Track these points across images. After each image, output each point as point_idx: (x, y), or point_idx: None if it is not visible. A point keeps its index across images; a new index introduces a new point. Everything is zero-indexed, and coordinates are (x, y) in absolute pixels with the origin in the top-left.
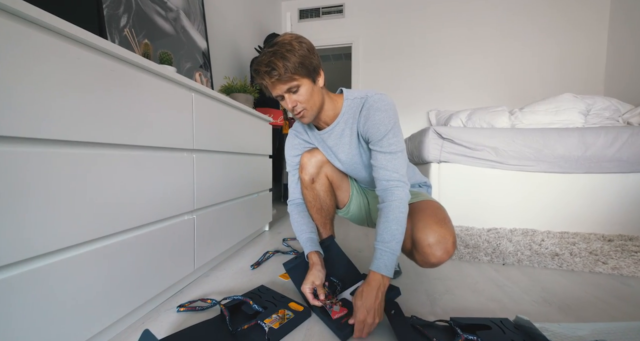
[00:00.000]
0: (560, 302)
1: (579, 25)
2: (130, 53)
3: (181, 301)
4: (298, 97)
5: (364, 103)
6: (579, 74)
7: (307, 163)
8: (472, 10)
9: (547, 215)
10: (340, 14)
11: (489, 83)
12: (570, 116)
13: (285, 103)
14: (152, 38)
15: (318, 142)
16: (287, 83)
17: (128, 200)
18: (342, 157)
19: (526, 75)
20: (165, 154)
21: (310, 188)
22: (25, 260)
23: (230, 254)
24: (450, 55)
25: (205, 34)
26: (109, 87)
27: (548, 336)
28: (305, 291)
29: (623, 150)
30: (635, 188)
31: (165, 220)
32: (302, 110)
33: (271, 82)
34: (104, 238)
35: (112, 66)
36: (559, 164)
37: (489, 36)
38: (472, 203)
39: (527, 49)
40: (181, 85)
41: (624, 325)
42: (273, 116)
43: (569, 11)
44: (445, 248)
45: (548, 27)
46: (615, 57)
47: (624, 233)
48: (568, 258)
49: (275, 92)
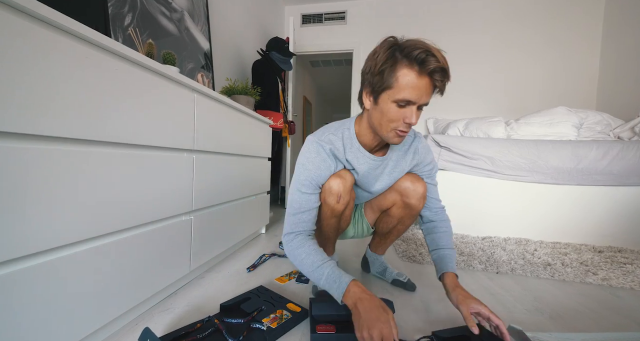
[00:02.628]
0: (551, 311)
1: (573, 41)
2: (134, 52)
3: (176, 303)
4: (418, 115)
5: (414, 141)
6: (572, 88)
7: (342, 189)
8: (470, 21)
9: (540, 225)
10: (343, 20)
11: (485, 93)
12: (564, 129)
13: (406, 112)
14: (156, 38)
15: (362, 164)
16: (429, 96)
17: (126, 199)
18: (378, 186)
19: (522, 87)
20: (165, 154)
21: (338, 216)
22: (16, 259)
23: (226, 256)
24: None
25: (208, 35)
26: (111, 86)
27: None
28: (389, 336)
29: (613, 164)
30: (624, 201)
31: (163, 220)
32: (408, 130)
33: (429, 84)
34: (98, 237)
35: (116, 65)
36: (552, 175)
37: (486, 47)
38: (468, 212)
39: (523, 62)
40: (184, 85)
41: (613, 336)
42: (273, 119)
43: (563, 27)
44: (422, 188)
45: (544, 41)
46: (607, 73)
47: (614, 245)
48: (560, 268)
49: (420, 98)
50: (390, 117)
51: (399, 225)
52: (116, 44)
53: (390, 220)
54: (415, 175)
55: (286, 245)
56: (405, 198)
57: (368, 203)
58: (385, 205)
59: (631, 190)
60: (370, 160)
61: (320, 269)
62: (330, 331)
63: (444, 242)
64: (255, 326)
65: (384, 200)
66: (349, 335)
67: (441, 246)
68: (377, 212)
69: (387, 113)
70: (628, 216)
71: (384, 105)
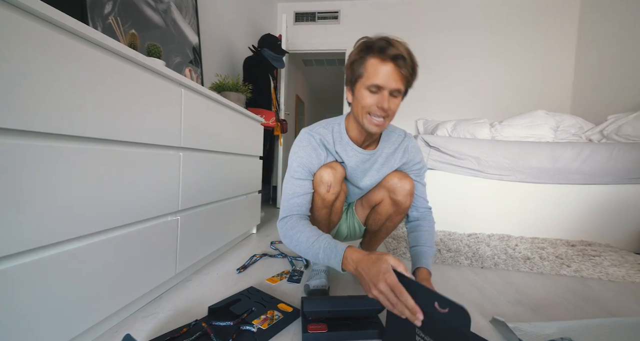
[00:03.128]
0: (531, 303)
1: (550, 48)
2: (115, 42)
3: (160, 307)
4: (392, 102)
5: (404, 140)
6: (550, 92)
7: (333, 179)
8: (458, 26)
9: (520, 222)
10: (336, 20)
11: (472, 96)
12: (542, 131)
13: (378, 98)
14: (140, 29)
15: (350, 157)
16: (401, 82)
17: (105, 199)
18: (367, 181)
19: (505, 90)
20: (150, 151)
21: (329, 207)
22: None
23: (216, 257)
24: (438, 67)
25: (197, 28)
26: (88, 78)
27: (520, 336)
28: (394, 284)
29: (585, 164)
30: (594, 199)
31: (148, 221)
32: (385, 117)
33: (394, 69)
34: (74, 239)
35: (94, 55)
36: (532, 175)
37: (473, 52)
38: (455, 210)
39: (506, 66)
40: (170, 79)
41: (585, 322)
42: (265, 117)
43: (542, 35)
44: (409, 185)
45: (524, 47)
46: (581, 79)
47: (585, 239)
48: (538, 261)
49: (386, 82)
50: (364, 104)
51: (387, 222)
52: (94, 32)
53: (378, 217)
54: (403, 173)
55: (280, 230)
56: (393, 194)
57: (358, 200)
58: (374, 201)
59: (600, 188)
60: (358, 153)
61: (317, 243)
62: (322, 331)
63: (425, 240)
64: (245, 329)
65: (372, 196)
66: (341, 333)
67: (421, 243)
68: (366, 208)
69: (362, 100)
70: (597, 212)
71: (359, 93)
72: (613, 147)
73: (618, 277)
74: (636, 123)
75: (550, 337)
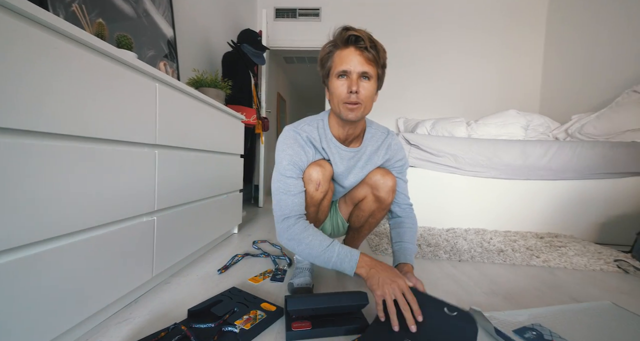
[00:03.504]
0: (504, 292)
1: (520, 51)
2: (79, 30)
3: (136, 312)
4: (362, 87)
5: (387, 137)
6: (521, 93)
7: (322, 177)
8: (436, 27)
9: (495, 216)
10: (317, 17)
11: (450, 95)
12: (514, 130)
13: (348, 83)
14: (109, 20)
15: (334, 154)
16: (368, 65)
17: (75, 199)
18: (351, 178)
19: (480, 90)
20: (122, 149)
21: (317, 205)
22: None
23: (195, 258)
24: (417, 66)
25: (172, 21)
26: (53, 69)
27: (495, 324)
28: (405, 287)
29: (552, 161)
30: (560, 193)
31: (120, 222)
32: (358, 102)
33: (355, 51)
34: (40, 242)
35: (55, 43)
36: (505, 171)
37: (450, 52)
38: (434, 206)
39: (481, 68)
40: (143, 73)
41: (553, 308)
42: (246, 114)
43: (512, 38)
44: (391, 181)
45: (496, 50)
46: (548, 81)
47: (552, 231)
48: (510, 253)
49: (351, 65)
50: (338, 92)
51: (370, 219)
52: (53, 18)
53: (361, 213)
54: (385, 169)
55: (286, 231)
56: (376, 191)
57: (342, 197)
58: (357, 198)
59: (565, 183)
60: (341, 150)
61: (331, 248)
62: (306, 328)
63: (407, 237)
64: (227, 330)
65: (356, 193)
66: (325, 329)
67: (404, 240)
68: (350, 205)
69: (335, 89)
70: (563, 206)
71: (331, 85)
72: (577, 145)
73: (581, 266)
74: (597, 123)
75: (522, 324)
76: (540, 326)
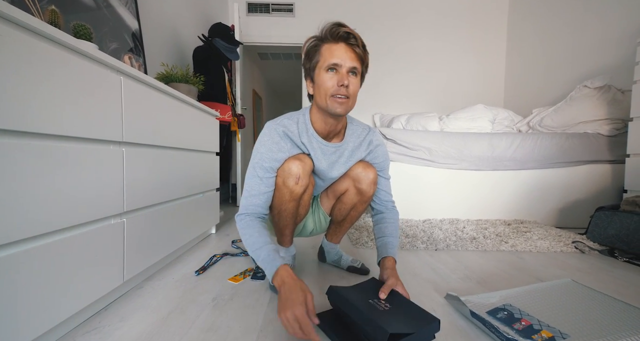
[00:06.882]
0: (477, 277)
1: (485, 49)
2: (28, 15)
3: (105, 321)
4: (351, 82)
5: (368, 134)
6: (487, 88)
7: (301, 172)
8: (407, 24)
9: (467, 206)
10: (291, 12)
11: (423, 91)
12: (482, 123)
13: (338, 77)
14: (64, 10)
15: (316, 149)
16: (357, 61)
17: (33, 201)
18: (334, 173)
19: (450, 86)
20: (85, 146)
21: (297, 200)
22: None
23: (171, 261)
24: (391, 62)
25: (136, 13)
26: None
27: (470, 307)
28: (301, 318)
29: (517, 152)
30: (524, 182)
31: (86, 225)
32: (347, 96)
33: (346, 47)
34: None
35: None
36: (475, 163)
37: (421, 49)
38: (411, 198)
39: (449, 65)
40: (106, 65)
41: (521, 289)
42: (220, 111)
43: (478, 36)
44: (372, 174)
45: (463, 47)
46: (510, 77)
47: (518, 218)
48: (482, 240)
49: (341, 59)
50: (326, 86)
51: (352, 212)
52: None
53: (343, 206)
54: (366, 163)
55: (237, 225)
56: (357, 183)
57: (324, 191)
58: (339, 191)
59: (528, 173)
60: (322, 145)
61: (259, 250)
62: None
63: (390, 231)
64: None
65: (338, 186)
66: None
67: (387, 234)
68: (332, 199)
69: (323, 83)
70: (527, 194)
71: (319, 78)
72: (537, 137)
73: (544, 248)
74: (554, 115)
75: (494, 305)
76: (511, 306)
